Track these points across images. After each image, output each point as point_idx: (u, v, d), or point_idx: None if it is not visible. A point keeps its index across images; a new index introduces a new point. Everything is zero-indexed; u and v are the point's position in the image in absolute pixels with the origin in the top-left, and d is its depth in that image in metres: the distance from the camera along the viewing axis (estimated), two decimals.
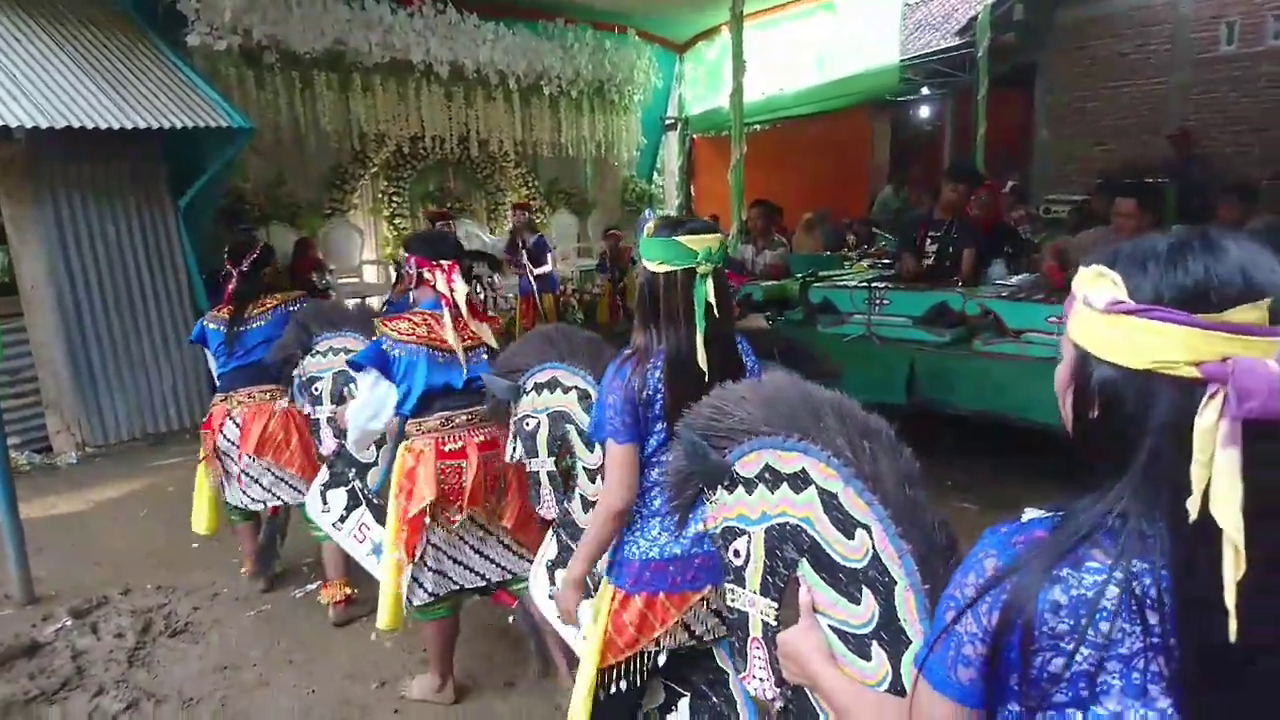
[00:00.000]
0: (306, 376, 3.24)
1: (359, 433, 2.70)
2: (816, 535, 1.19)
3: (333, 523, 3.21)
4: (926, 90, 11.36)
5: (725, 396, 1.35)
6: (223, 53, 6.91)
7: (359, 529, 3.17)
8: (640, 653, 1.81)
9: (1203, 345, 0.72)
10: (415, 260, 2.68)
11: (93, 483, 5.30)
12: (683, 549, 1.78)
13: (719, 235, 1.76)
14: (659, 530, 1.79)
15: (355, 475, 3.18)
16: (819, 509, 1.19)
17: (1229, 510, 0.70)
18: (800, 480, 1.21)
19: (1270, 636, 0.72)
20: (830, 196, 10.50)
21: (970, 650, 0.80)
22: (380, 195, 8.93)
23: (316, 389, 3.22)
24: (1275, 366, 0.71)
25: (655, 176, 11.69)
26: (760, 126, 10.39)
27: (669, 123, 11.56)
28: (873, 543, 1.12)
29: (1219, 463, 0.71)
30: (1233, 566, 0.70)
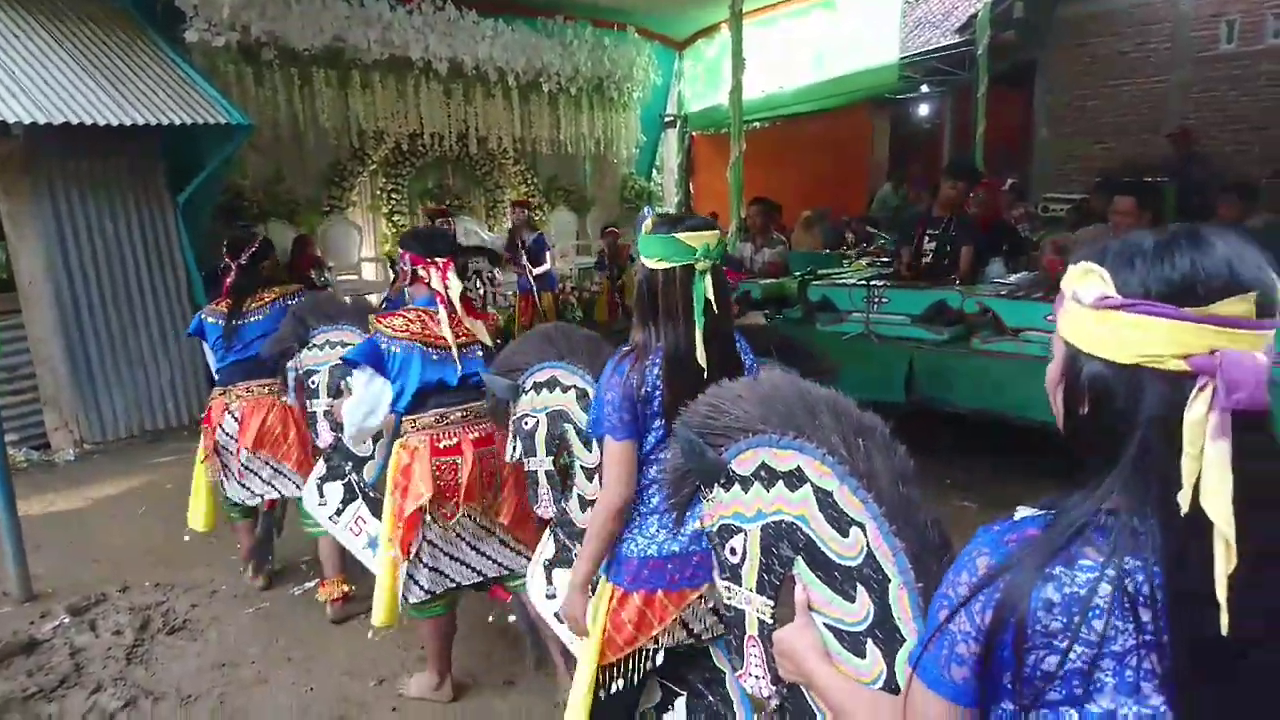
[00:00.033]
0: (303, 370, 3.24)
1: (355, 429, 2.70)
2: (812, 533, 1.19)
3: (329, 516, 3.21)
4: (926, 88, 11.35)
5: (721, 394, 1.35)
6: (221, 49, 6.91)
7: (355, 522, 3.17)
8: (638, 651, 1.81)
9: (1190, 338, 0.73)
10: (410, 257, 2.68)
11: (91, 480, 5.29)
12: (681, 546, 1.77)
13: (717, 232, 1.76)
14: (657, 528, 1.79)
15: (352, 469, 3.18)
16: (814, 507, 1.19)
17: (1220, 503, 0.70)
18: (796, 478, 1.21)
19: (1261, 630, 0.72)
20: (829, 194, 10.50)
21: (963, 649, 0.80)
22: (379, 192, 8.91)
23: (313, 382, 3.22)
24: (1262, 358, 0.72)
25: (654, 174, 11.67)
26: (759, 124, 10.39)
27: (668, 120, 11.54)
28: (867, 540, 1.12)
29: (1209, 455, 0.71)
30: (1224, 560, 0.70)
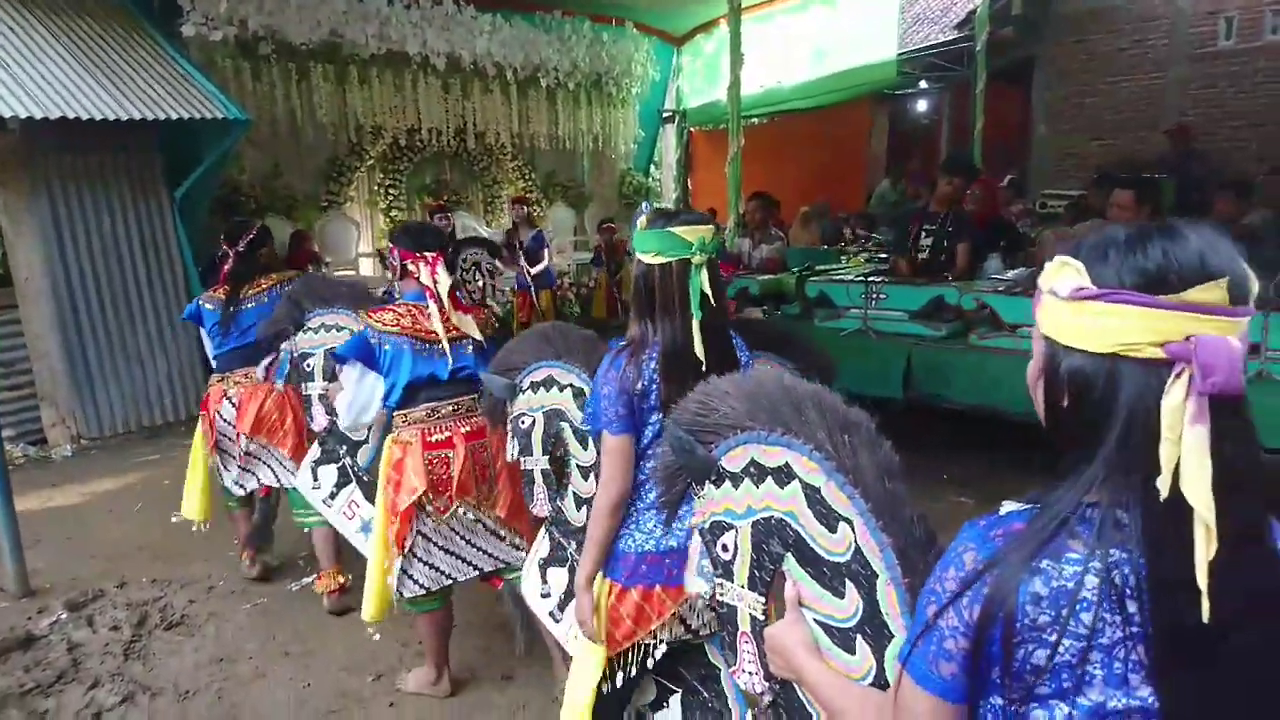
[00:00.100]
0: (298, 352, 3.24)
1: (350, 422, 2.72)
2: (800, 529, 1.20)
3: (323, 499, 3.22)
4: (924, 84, 11.35)
5: (710, 392, 1.36)
6: (218, 44, 6.90)
7: (348, 506, 3.18)
8: (635, 646, 1.82)
9: (1165, 325, 0.74)
10: (399, 252, 2.69)
11: (88, 475, 5.30)
12: (679, 541, 1.77)
13: (712, 226, 1.78)
14: (654, 523, 1.79)
15: (346, 452, 3.18)
16: (803, 503, 1.19)
17: (1199, 488, 0.71)
18: (784, 474, 1.22)
19: (1240, 612, 0.73)
20: (828, 190, 10.48)
21: (952, 644, 0.80)
22: (377, 188, 8.90)
23: (308, 365, 3.22)
24: (1236, 344, 0.73)
25: (653, 169, 11.66)
26: (758, 120, 10.37)
27: (666, 115, 11.52)
28: (855, 536, 1.13)
29: (1187, 441, 0.72)
30: (1204, 545, 0.71)
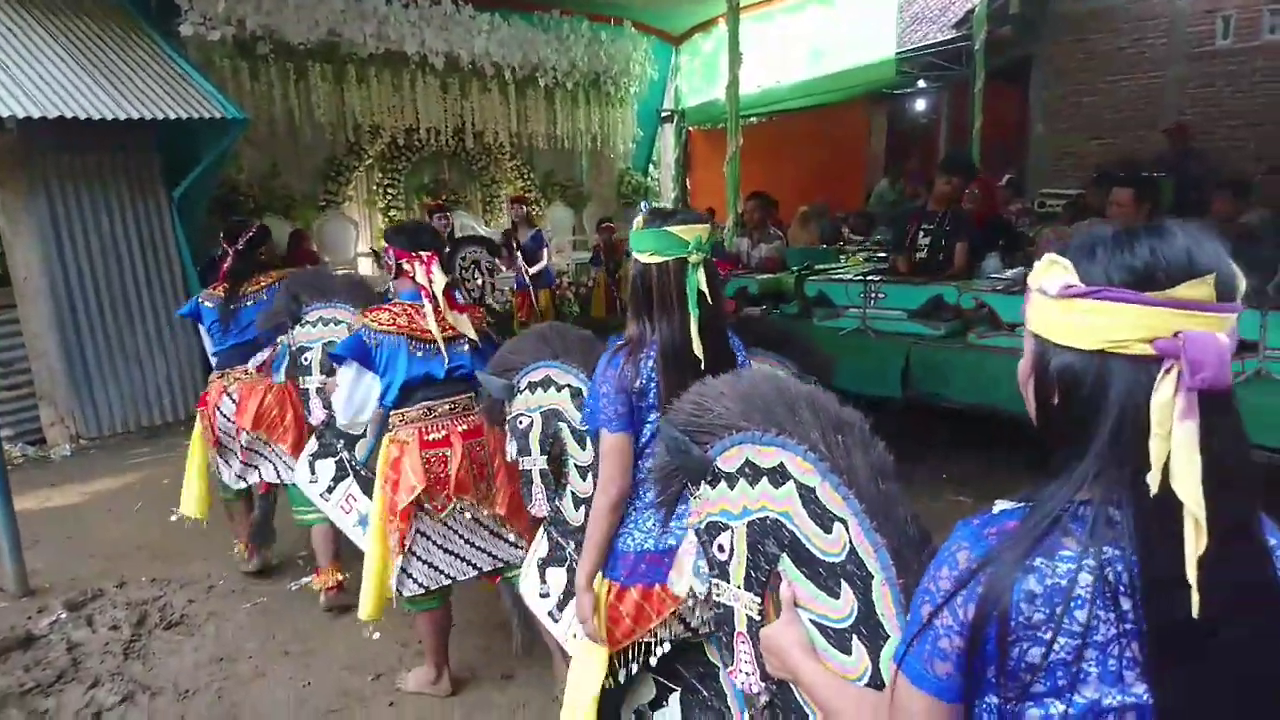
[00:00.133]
0: (296, 346, 3.25)
1: (346, 421, 2.72)
2: (796, 529, 1.20)
3: (320, 493, 3.22)
4: (923, 83, 11.34)
5: (705, 392, 1.36)
6: (216, 43, 6.90)
7: (346, 500, 3.18)
8: (634, 645, 1.82)
9: (1154, 321, 0.74)
10: (394, 251, 2.69)
11: (87, 475, 5.30)
12: (678, 540, 1.77)
13: (708, 225, 1.79)
14: (654, 522, 1.79)
15: (343, 446, 3.19)
16: (797, 503, 1.20)
17: (1189, 484, 0.71)
18: (779, 475, 1.22)
19: (1230, 607, 0.73)
20: (826, 189, 10.49)
21: (947, 644, 0.80)
22: (375, 187, 8.89)
23: (306, 359, 3.23)
24: (1224, 339, 0.73)
25: (651, 169, 11.66)
26: (756, 119, 10.38)
27: (665, 115, 11.53)
28: (849, 537, 1.13)
29: (1177, 436, 0.72)
30: (1194, 540, 0.71)
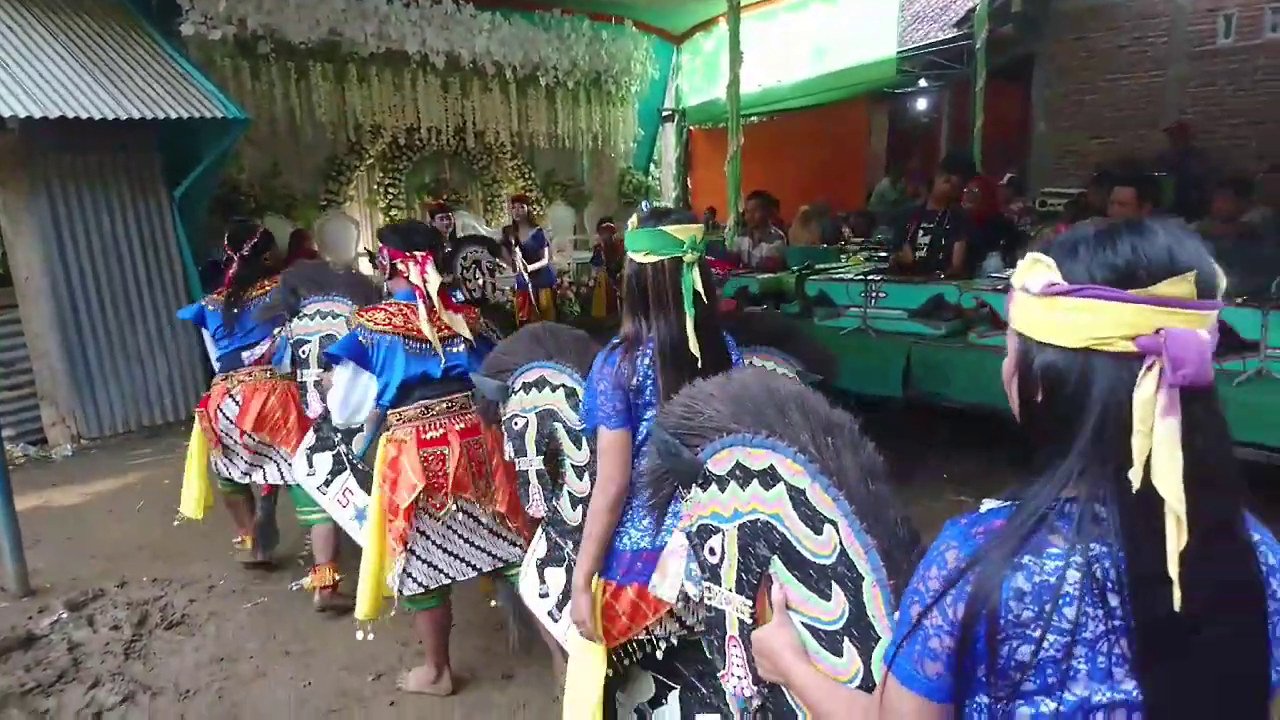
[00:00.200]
0: (294, 339, 3.25)
1: (342, 422, 2.73)
2: (786, 531, 1.20)
3: (317, 486, 3.22)
4: (924, 82, 11.33)
5: (695, 395, 1.36)
6: (217, 42, 6.91)
7: (343, 494, 3.19)
8: (630, 643, 1.83)
9: (1135, 319, 0.74)
10: (388, 251, 2.68)
11: (88, 475, 5.30)
12: None
13: (702, 225, 1.81)
14: (650, 520, 1.79)
15: (341, 439, 3.19)
16: (788, 505, 1.20)
17: (1170, 480, 0.72)
18: (769, 477, 1.22)
19: (1212, 603, 0.74)
20: (827, 188, 10.48)
21: (937, 644, 0.81)
22: (376, 187, 8.90)
23: (303, 352, 3.23)
24: (1205, 336, 0.73)
25: (652, 168, 11.66)
26: (757, 118, 10.38)
27: (666, 114, 11.53)
28: (840, 538, 1.13)
29: (1159, 433, 0.72)
30: (1175, 536, 0.71)
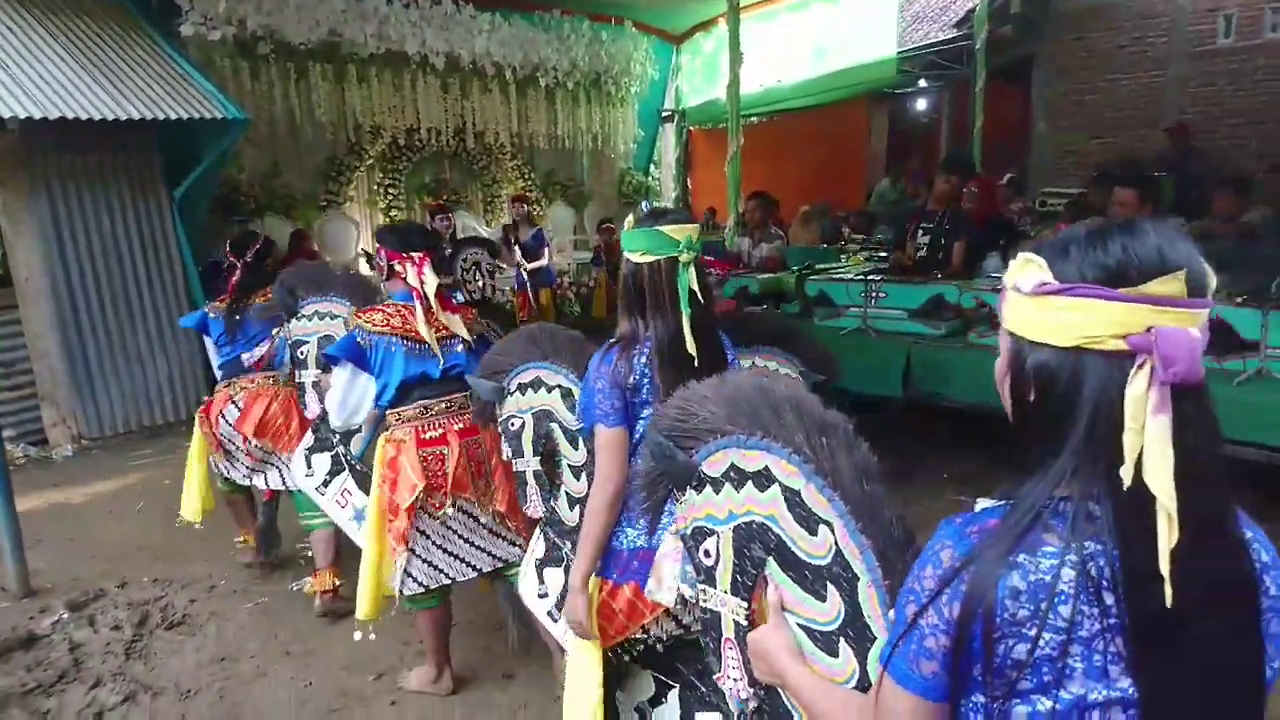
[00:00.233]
0: (292, 340, 3.26)
1: (341, 423, 2.73)
2: (781, 533, 1.20)
3: (316, 487, 3.23)
4: (924, 82, 11.33)
5: (689, 397, 1.36)
6: (217, 43, 6.91)
7: (341, 494, 3.18)
8: (627, 641, 1.83)
9: (1126, 317, 0.75)
10: (385, 252, 2.69)
11: (89, 475, 5.31)
12: None
13: (698, 225, 1.82)
14: (646, 519, 1.79)
15: (339, 440, 3.19)
16: (783, 506, 1.20)
17: (1162, 478, 0.72)
18: (764, 478, 1.22)
19: (1203, 601, 0.74)
20: (827, 189, 10.48)
21: (932, 643, 0.81)
22: (376, 187, 8.90)
23: (302, 352, 3.23)
24: (1196, 334, 0.74)
25: (652, 169, 11.66)
26: (757, 119, 10.37)
27: (666, 115, 11.53)
28: (835, 539, 1.13)
29: (1150, 430, 0.73)
30: (1166, 533, 0.72)
